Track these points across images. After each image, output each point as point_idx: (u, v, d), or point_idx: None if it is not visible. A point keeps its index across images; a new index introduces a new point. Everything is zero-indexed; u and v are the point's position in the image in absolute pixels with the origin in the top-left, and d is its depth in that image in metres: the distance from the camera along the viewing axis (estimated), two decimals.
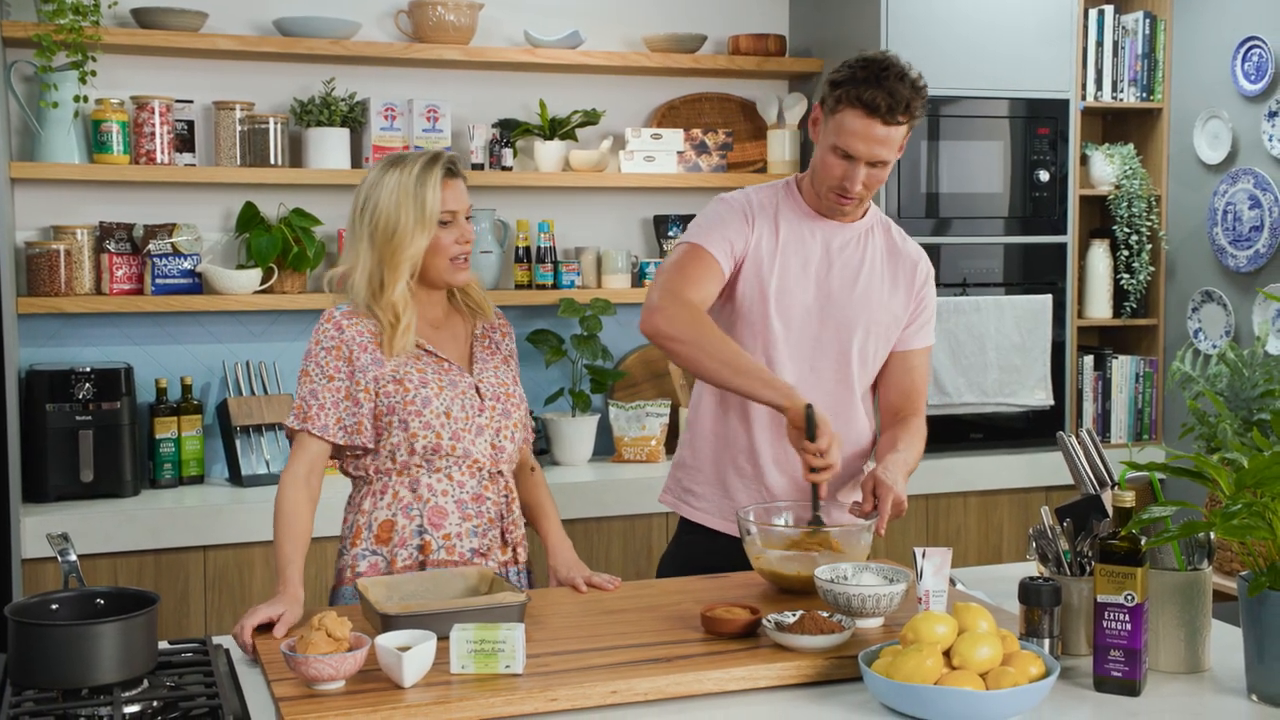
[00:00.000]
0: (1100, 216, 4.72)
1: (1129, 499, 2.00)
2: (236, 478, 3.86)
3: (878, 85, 2.47)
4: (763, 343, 2.64)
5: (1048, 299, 4.33)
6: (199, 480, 3.88)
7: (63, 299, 3.73)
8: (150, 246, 3.85)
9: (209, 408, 3.98)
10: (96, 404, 3.64)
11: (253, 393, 3.97)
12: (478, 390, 2.51)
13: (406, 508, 2.46)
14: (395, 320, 2.44)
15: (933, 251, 4.20)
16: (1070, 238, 4.41)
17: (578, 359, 4.15)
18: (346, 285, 2.50)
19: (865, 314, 2.67)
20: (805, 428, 2.39)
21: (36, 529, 3.42)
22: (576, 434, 4.14)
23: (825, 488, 2.43)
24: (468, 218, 2.50)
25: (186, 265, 3.85)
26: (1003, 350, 4.27)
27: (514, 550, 2.54)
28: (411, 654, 1.90)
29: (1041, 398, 4.33)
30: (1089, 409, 4.56)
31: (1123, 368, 4.60)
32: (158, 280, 3.81)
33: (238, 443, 3.86)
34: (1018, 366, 4.29)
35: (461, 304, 2.60)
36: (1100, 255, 4.61)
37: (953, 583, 2.56)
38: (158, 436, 3.81)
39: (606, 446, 4.28)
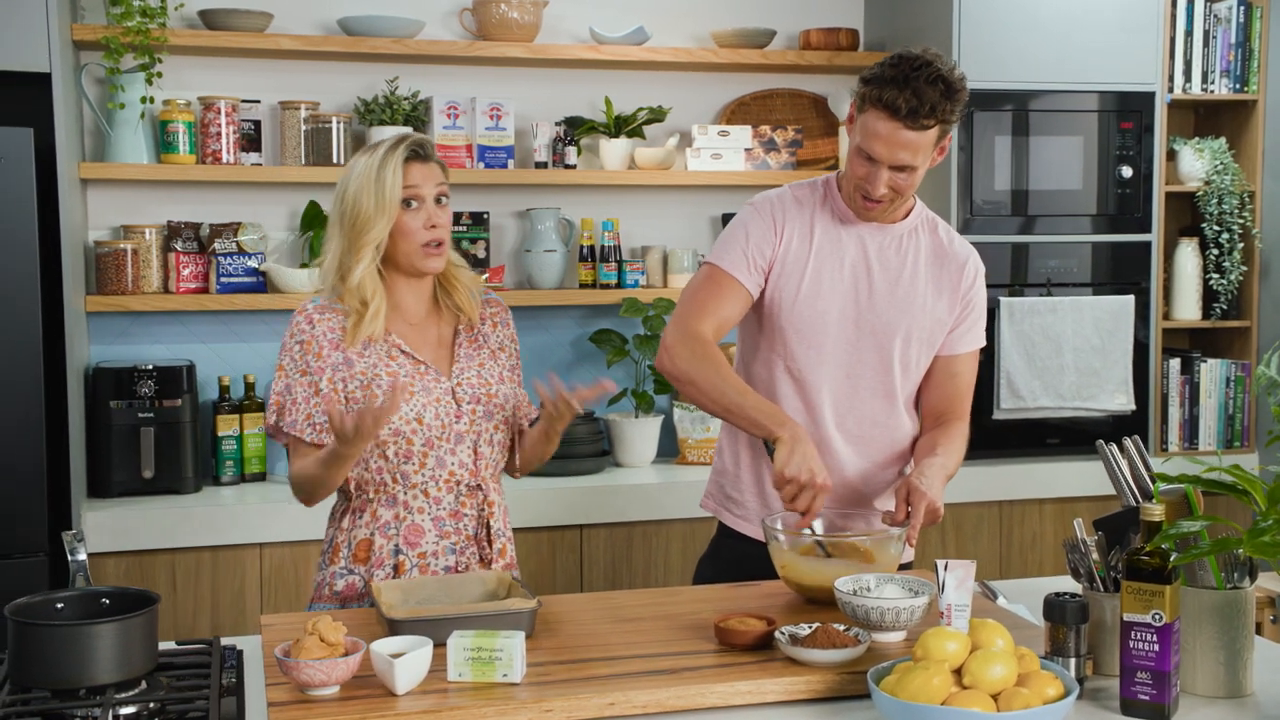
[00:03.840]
0: (1190, 214, 4.53)
1: (1158, 513, 1.89)
2: None
3: (903, 86, 2.34)
4: (793, 349, 2.55)
5: (1129, 300, 4.16)
6: (261, 478, 3.90)
7: (130, 297, 3.78)
8: (215, 245, 3.89)
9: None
10: (158, 401, 3.68)
11: None
12: (454, 395, 2.42)
13: (384, 526, 2.40)
14: (362, 306, 2.37)
15: (1018, 251, 4.09)
16: (1155, 236, 4.24)
17: (640, 359, 4.10)
18: (321, 275, 2.45)
19: (907, 319, 2.56)
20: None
21: (98, 524, 3.48)
22: (639, 435, 4.09)
23: (810, 515, 2.33)
24: (439, 201, 2.41)
25: (251, 264, 3.88)
26: (1080, 353, 4.12)
27: (491, 567, 2.45)
28: (404, 661, 1.87)
29: (1122, 402, 4.17)
30: (1175, 414, 4.38)
31: (1212, 371, 4.41)
32: (222, 279, 3.85)
33: None
34: (1096, 370, 4.14)
35: (445, 302, 2.51)
36: (1189, 254, 4.42)
37: (994, 596, 2.47)
38: (220, 434, 3.84)
39: (670, 448, 4.23)
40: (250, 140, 3.94)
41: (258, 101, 3.97)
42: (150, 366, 3.70)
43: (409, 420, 2.37)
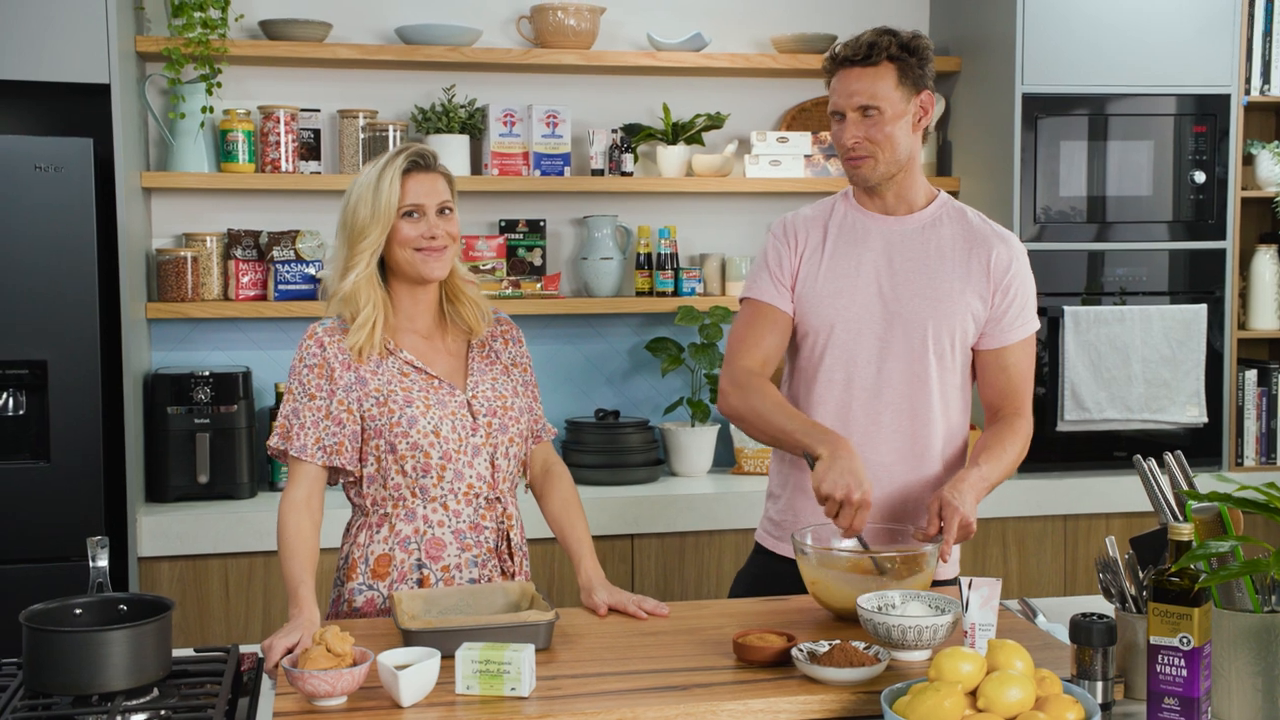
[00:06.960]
0: (1270, 220, 4.39)
1: (1186, 532, 1.81)
2: None
3: (842, 45, 2.51)
4: (822, 349, 2.54)
5: (1201, 309, 4.03)
6: None
7: (189, 304, 3.83)
8: (274, 253, 3.93)
9: None
10: (215, 407, 3.72)
11: None
12: (470, 407, 2.41)
13: (404, 542, 2.39)
14: (354, 315, 2.37)
15: (1092, 259, 3.99)
16: (1230, 243, 4.11)
17: (696, 367, 4.07)
18: (325, 285, 2.46)
19: (934, 309, 2.51)
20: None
21: (153, 528, 3.52)
22: (695, 445, 4.05)
23: (852, 531, 2.28)
24: (441, 212, 2.38)
25: (309, 271, 3.91)
26: (1149, 363, 4.00)
27: (514, 579, 2.44)
28: (409, 672, 1.85)
29: (1194, 414, 4.04)
30: (1251, 427, 4.23)
31: None
32: (280, 286, 3.88)
33: None
34: (1166, 381, 4.01)
35: (452, 316, 2.48)
36: (1267, 262, 4.28)
37: (1034, 614, 2.39)
38: None
39: (727, 458, 4.18)
40: (309, 149, 3.97)
41: (317, 110, 4.00)
42: (207, 373, 3.74)
43: (426, 434, 2.36)
